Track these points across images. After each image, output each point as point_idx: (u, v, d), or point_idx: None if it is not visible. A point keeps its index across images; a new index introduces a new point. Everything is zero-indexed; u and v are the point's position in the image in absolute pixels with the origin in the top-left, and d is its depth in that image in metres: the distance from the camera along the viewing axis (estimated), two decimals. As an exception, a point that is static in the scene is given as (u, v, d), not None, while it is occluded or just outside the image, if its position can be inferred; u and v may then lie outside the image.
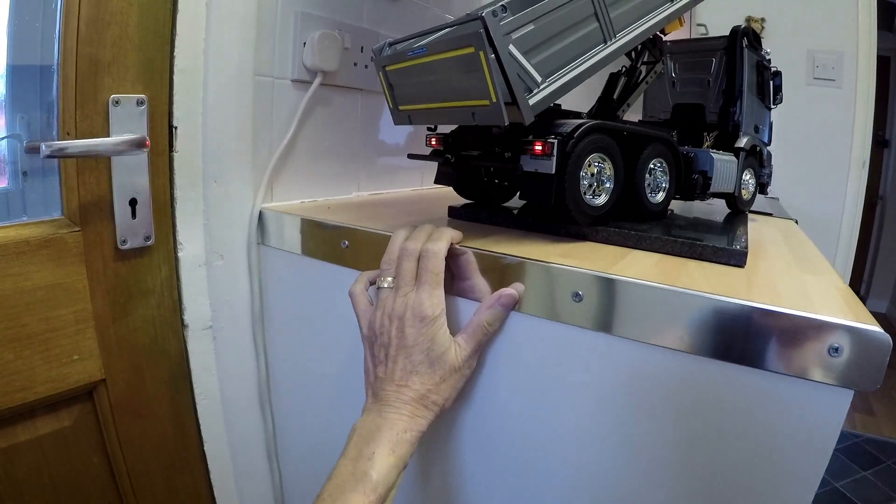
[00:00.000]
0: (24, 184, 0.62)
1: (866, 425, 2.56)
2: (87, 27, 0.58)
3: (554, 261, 0.52)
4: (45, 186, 0.61)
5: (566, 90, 0.55)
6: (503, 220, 0.70)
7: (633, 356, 0.49)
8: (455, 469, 0.64)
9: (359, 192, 0.97)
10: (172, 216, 0.68)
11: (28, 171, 0.61)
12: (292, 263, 0.75)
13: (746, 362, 0.44)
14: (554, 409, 0.55)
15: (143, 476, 0.70)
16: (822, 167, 1.97)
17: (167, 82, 0.65)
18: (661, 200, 0.70)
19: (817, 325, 0.41)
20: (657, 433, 0.49)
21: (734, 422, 0.45)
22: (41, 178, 0.61)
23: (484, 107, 0.51)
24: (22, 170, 0.61)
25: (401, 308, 0.52)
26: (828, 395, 0.41)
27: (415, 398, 0.50)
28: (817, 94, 1.96)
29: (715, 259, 0.57)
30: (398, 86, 0.63)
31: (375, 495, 0.44)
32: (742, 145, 0.82)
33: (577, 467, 0.55)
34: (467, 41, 0.49)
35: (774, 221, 0.98)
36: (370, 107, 0.95)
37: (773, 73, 0.92)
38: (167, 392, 0.71)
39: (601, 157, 0.60)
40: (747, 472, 0.46)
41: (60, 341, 0.60)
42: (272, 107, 0.78)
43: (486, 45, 0.48)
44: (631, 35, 0.62)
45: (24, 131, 0.60)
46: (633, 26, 0.63)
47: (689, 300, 0.45)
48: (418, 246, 0.54)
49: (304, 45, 0.79)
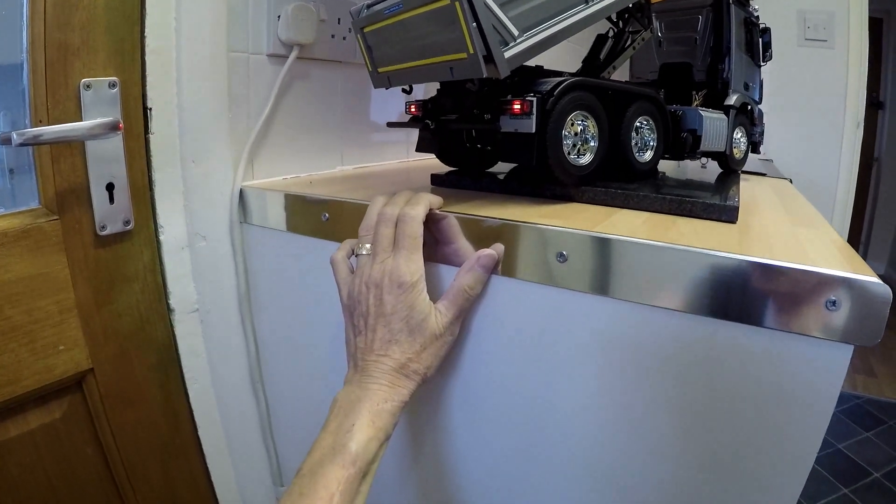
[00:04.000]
0: (12, 181, 0.61)
1: (868, 386, 2.57)
2: (54, 11, 0.56)
3: (536, 221, 0.51)
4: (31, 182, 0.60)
5: (544, 47, 0.54)
6: (488, 185, 0.69)
7: (622, 317, 0.48)
8: (446, 439, 0.63)
9: (342, 166, 0.96)
10: (151, 199, 0.67)
11: (15, 169, 0.60)
12: (275, 240, 0.74)
13: (742, 319, 0.43)
14: (543, 373, 0.54)
15: (138, 464, 0.70)
16: (817, 128, 1.95)
17: (139, 63, 0.64)
18: (650, 159, 0.69)
19: (813, 278, 0.39)
20: (652, 396, 0.49)
21: (734, 382, 0.44)
22: (29, 174, 0.60)
23: (462, 60, 0.51)
24: (9, 167, 0.60)
25: (378, 275, 0.51)
26: (827, 351, 0.40)
27: (395, 368, 0.49)
28: (809, 55, 1.94)
29: (705, 215, 0.56)
30: (376, 47, 0.62)
31: (355, 468, 0.43)
32: (732, 103, 0.81)
33: (568, 432, 0.54)
34: None
35: (768, 181, 0.97)
36: (351, 79, 0.94)
37: (761, 30, 0.91)
38: (157, 378, 0.71)
39: (584, 115, 0.59)
40: (750, 432, 0.45)
41: (45, 332, 0.59)
42: (248, 83, 0.76)
43: None
44: None
45: (8, 127, 0.59)
46: (616, -11, 0.62)
47: (677, 256, 0.44)
48: (396, 211, 0.53)
49: (279, 19, 0.77)
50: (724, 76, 0.82)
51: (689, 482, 0.49)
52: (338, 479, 0.42)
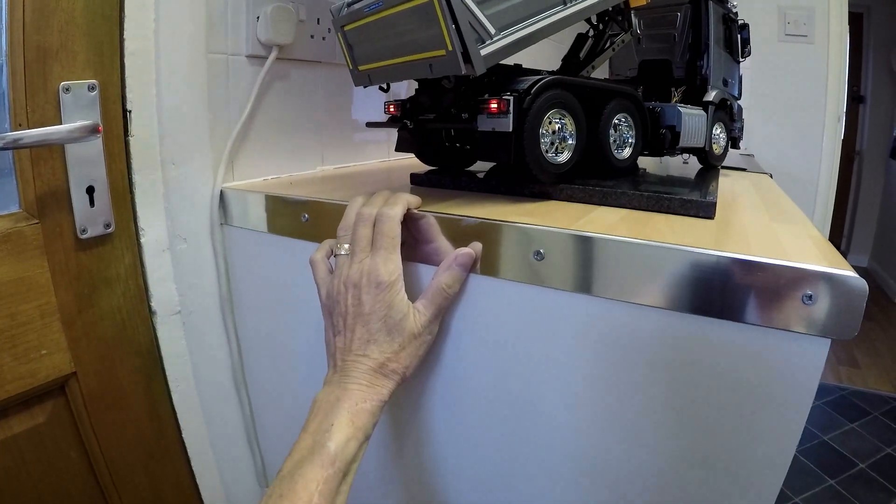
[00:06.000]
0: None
1: (852, 378, 2.60)
2: (32, 14, 0.56)
3: (513, 220, 0.52)
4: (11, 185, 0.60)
5: (521, 46, 0.55)
6: (467, 183, 0.69)
7: (600, 314, 0.48)
8: (428, 438, 0.63)
9: (323, 167, 0.96)
10: (132, 202, 0.67)
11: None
12: (256, 241, 0.74)
13: (721, 315, 0.43)
14: (524, 371, 0.54)
15: (122, 467, 0.69)
16: (798, 123, 1.97)
17: (118, 66, 0.63)
18: (628, 156, 0.69)
19: (789, 273, 0.40)
20: (634, 392, 0.49)
21: (716, 377, 0.45)
22: (9, 177, 0.60)
23: (441, 57, 0.51)
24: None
25: (356, 275, 0.51)
26: (805, 345, 0.41)
27: (373, 367, 0.50)
28: (790, 51, 1.95)
29: (683, 211, 0.56)
30: (357, 45, 0.62)
31: (334, 468, 0.43)
32: (711, 99, 0.81)
33: (550, 430, 0.54)
34: None
35: (748, 176, 0.98)
36: (331, 80, 0.94)
37: (740, 26, 0.92)
38: (140, 381, 0.70)
39: (561, 113, 0.59)
40: (732, 426, 0.45)
41: (27, 337, 0.58)
42: (228, 84, 0.76)
43: None
44: (591, 1, 0.62)
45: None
46: (595, -8, 0.62)
47: (652, 252, 0.45)
48: (374, 211, 0.53)
49: (258, 20, 0.77)
50: (703, 72, 0.83)
51: (673, 477, 0.49)
52: (317, 480, 0.42)
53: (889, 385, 2.53)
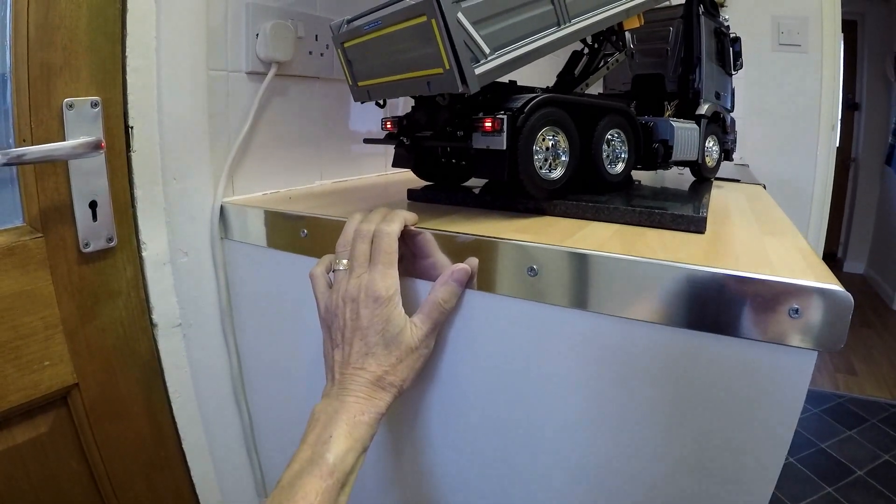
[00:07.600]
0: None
1: (849, 385, 2.60)
2: (36, 32, 0.57)
3: (508, 236, 0.53)
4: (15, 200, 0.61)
5: (515, 66, 0.56)
6: (463, 199, 0.70)
7: (593, 328, 0.49)
8: (426, 451, 0.64)
9: (321, 181, 0.97)
10: (134, 216, 0.68)
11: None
12: (256, 256, 0.75)
13: (712, 329, 0.44)
14: (518, 385, 0.55)
15: (123, 478, 0.70)
16: (793, 132, 1.98)
17: (121, 83, 0.64)
18: (621, 171, 0.70)
19: (776, 288, 0.41)
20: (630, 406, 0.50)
21: (708, 390, 0.46)
22: (13, 192, 0.60)
23: (438, 75, 0.53)
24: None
25: (354, 290, 0.52)
26: (793, 358, 0.42)
27: (371, 380, 0.50)
28: (784, 60, 1.96)
29: (674, 226, 0.57)
30: (356, 61, 0.64)
31: (333, 479, 0.44)
32: (703, 112, 0.82)
33: (547, 443, 0.55)
34: (419, 10, 0.51)
35: (742, 187, 0.99)
36: (329, 95, 0.95)
37: (732, 39, 0.92)
38: (141, 392, 0.71)
39: (554, 130, 0.60)
40: (724, 436, 0.46)
41: (31, 348, 0.59)
42: (228, 100, 0.77)
43: (438, 13, 0.49)
44: (585, 23, 0.63)
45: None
46: (589, 14, 0.63)
47: (643, 268, 0.45)
48: (372, 227, 0.54)
49: (257, 37, 0.78)
50: (696, 86, 0.84)
51: (667, 487, 0.50)
52: (316, 490, 0.43)
53: (886, 392, 2.52)
